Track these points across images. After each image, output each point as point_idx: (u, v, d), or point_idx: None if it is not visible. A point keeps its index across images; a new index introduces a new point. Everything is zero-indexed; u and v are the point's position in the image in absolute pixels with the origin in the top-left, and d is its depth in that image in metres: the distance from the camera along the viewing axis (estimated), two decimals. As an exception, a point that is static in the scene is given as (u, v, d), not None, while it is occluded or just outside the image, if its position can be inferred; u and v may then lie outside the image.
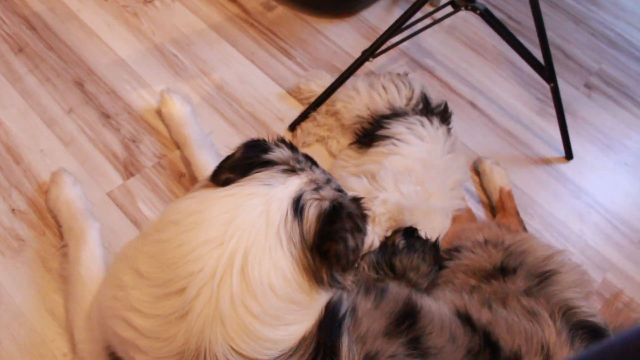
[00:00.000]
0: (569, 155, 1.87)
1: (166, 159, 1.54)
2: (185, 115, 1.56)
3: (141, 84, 1.69)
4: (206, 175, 0.98)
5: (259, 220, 0.84)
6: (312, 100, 1.71)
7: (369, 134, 1.56)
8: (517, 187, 1.75)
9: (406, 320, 1.01)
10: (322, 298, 0.90)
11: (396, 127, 1.53)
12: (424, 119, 1.55)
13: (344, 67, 1.83)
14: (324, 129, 1.69)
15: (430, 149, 1.52)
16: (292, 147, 1.00)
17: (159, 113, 1.62)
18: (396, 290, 1.08)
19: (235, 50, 1.85)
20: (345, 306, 0.95)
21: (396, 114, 1.58)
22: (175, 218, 0.88)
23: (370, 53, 1.63)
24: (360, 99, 1.63)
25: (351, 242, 0.87)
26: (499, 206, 1.64)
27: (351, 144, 1.61)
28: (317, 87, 1.74)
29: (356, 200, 0.96)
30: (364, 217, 0.94)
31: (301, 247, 0.85)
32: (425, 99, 1.62)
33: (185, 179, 1.52)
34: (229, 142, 1.57)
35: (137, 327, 0.86)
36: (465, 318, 1.08)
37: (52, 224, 1.38)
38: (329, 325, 0.90)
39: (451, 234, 1.46)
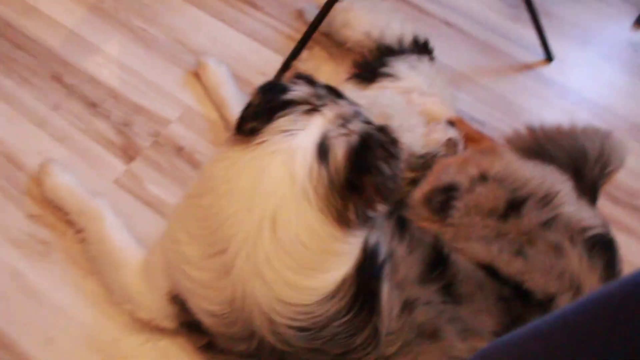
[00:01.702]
0: (549, 57, 1.89)
1: (161, 135, 1.56)
2: (221, 77, 1.60)
3: (118, 66, 1.67)
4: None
5: (282, 181, 0.87)
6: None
7: (371, 69, 1.58)
8: (504, 97, 1.79)
9: (438, 267, 1.06)
10: (356, 240, 0.94)
11: (399, 65, 1.56)
12: (420, 57, 1.59)
13: (307, 5, 1.82)
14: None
15: (428, 83, 1.58)
16: (310, 81, 0.98)
17: (195, 76, 1.65)
18: (421, 234, 1.12)
19: (203, 12, 1.82)
20: (383, 252, 0.99)
21: (398, 51, 1.62)
22: (211, 185, 0.94)
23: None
24: (363, 16, 1.66)
25: (387, 170, 0.88)
26: (464, 139, 1.62)
27: (349, 78, 1.61)
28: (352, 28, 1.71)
29: (383, 128, 0.96)
30: (395, 143, 0.93)
31: (329, 194, 0.87)
32: (414, 38, 1.65)
33: (184, 151, 1.54)
34: (218, 109, 1.59)
35: (194, 278, 0.98)
36: (490, 270, 1.11)
37: (70, 221, 1.40)
38: (369, 271, 0.96)
39: (436, 170, 1.44)
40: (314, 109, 0.91)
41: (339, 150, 0.88)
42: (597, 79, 1.86)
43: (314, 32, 1.64)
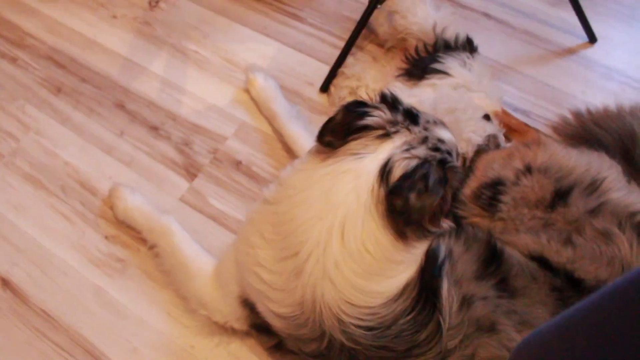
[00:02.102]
0: (592, 39, 1.88)
1: (219, 152, 1.66)
2: (270, 91, 1.70)
3: (174, 88, 1.78)
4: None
5: (350, 196, 0.96)
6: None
7: (422, 66, 1.62)
8: (547, 84, 1.79)
9: (493, 263, 1.11)
10: (418, 249, 1.01)
11: (450, 62, 1.60)
12: (469, 55, 1.62)
13: (353, 15, 1.89)
14: (353, 80, 1.75)
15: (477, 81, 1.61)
16: (393, 106, 1.05)
17: (245, 92, 1.75)
18: (474, 231, 1.18)
19: (248, 29, 1.91)
20: (443, 251, 1.07)
21: (453, 48, 1.65)
22: (289, 193, 1.03)
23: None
24: (418, 12, 1.70)
25: (414, 201, 0.93)
26: (508, 131, 1.64)
27: (399, 75, 1.66)
28: (416, 17, 1.74)
29: (445, 162, 1.00)
30: (440, 181, 0.97)
31: (388, 213, 0.96)
32: (458, 36, 1.68)
33: (242, 165, 1.63)
34: (271, 121, 1.68)
35: (265, 281, 1.06)
36: (541, 261, 1.14)
37: (143, 239, 1.52)
38: (430, 271, 1.03)
39: (481, 166, 1.45)
40: (386, 134, 0.99)
41: (398, 172, 0.96)
42: (644, 56, 1.83)
43: (356, 38, 1.70)
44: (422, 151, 0.99)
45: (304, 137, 1.59)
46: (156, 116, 1.73)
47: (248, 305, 1.20)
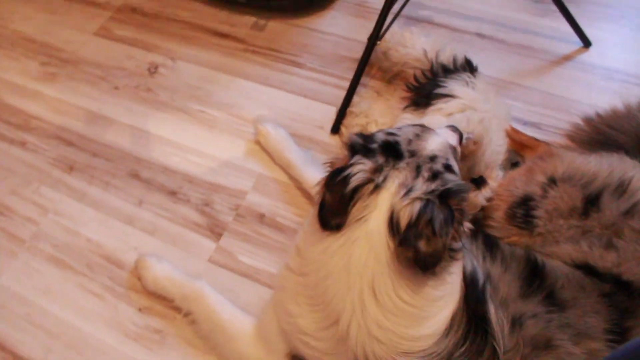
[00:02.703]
0: (586, 43, 1.91)
1: (241, 207, 1.65)
2: (282, 140, 1.70)
3: (186, 151, 1.78)
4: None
5: (369, 260, 0.95)
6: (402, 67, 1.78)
7: (425, 93, 1.62)
8: (552, 94, 1.81)
9: (536, 279, 1.10)
10: (454, 274, 1.00)
11: (453, 85, 1.60)
12: (470, 75, 1.63)
13: (351, 54, 1.92)
14: (362, 117, 1.76)
15: (483, 98, 1.60)
16: (368, 150, 1.00)
17: (257, 144, 1.76)
18: (511, 250, 1.17)
19: (250, 82, 1.93)
20: (481, 275, 1.05)
21: (452, 70, 1.66)
22: (311, 268, 1.02)
23: (375, 36, 1.69)
24: (415, 45, 1.72)
25: (425, 249, 0.91)
26: (519, 148, 1.67)
27: (405, 107, 1.65)
28: (407, 48, 1.76)
29: (447, 193, 0.95)
30: (446, 220, 0.93)
31: (410, 260, 0.94)
32: (455, 58, 1.69)
33: (266, 217, 1.62)
34: (289, 170, 1.68)
35: (314, 347, 1.05)
36: (587, 268, 1.14)
37: (176, 307, 1.49)
38: (474, 297, 1.02)
39: (502, 187, 1.45)
40: (377, 187, 0.96)
41: (404, 222, 0.93)
42: (638, 51, 1.86)
43: (360, 77, 1.72)
44: (419, 187, 0.95)
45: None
46: (172, 181, 1.73)
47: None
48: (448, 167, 1.01)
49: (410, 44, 1.74)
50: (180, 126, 1.84)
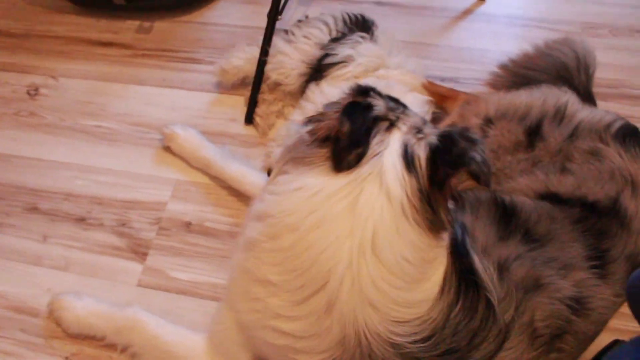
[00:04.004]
0: (481, -5, 1.92)
1: (163, 220, 1.47)
2: (194, 140, 1.54)
3: (88, 171, 1.58)
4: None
5: (379, 201, 0.81)
6: (248, 79, 1.66)
7: (318, 67, 1.55)
8: (461, 48, 1.80)
9: (510, 220, 1.03)
10: (445, 240, 0.89)
11: (343, 49, 1.53)
12: (363, 33, 1.55)
13: (249, 40, 1.78)
14: (276, 103, 1.65)
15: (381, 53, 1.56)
16: (380, 94, 0.93)
17: (167, 150, 1.59)
18: (475, 195, 1.09)
19: (146, 87, 1.76)
20: (458, 229, 0.95)
21: (335, 39, 1.57)
22: (291, 221, 0.85)
23: (275, 12, 1.58)
24: (290, 58, 1.59)
25: (478, 157, 0.83)
26: (439, 100, 1.62)
27: (307, 81, 1.58)
28: (241, 60, 1.67)
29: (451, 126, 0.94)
30: (468, 129, 0.88)
31: (423, 204, 0.83)
32: (349, 19, 1.61)
33: (193, 225, 1.46)
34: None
35: (288, 332, 0.89)
36: (552, 197, 1.10)
37: (110, 344, 1.30)
38: (458, 252, 0.91)
39: None
40: (392, 124, 0.86)
41: (422, 155, 0.84)
42: (533, -5, 1.89)
43: (266, 59, 1.60)
44: (430, 129, 0.88)
45: (249, 174, 1.46)
46: (78, 206, 1.52)
47: None
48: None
49: (289, 64, 1.61)
50: (76, 146, 1.64)
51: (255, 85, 1.62)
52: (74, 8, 2.00)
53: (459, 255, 0.91)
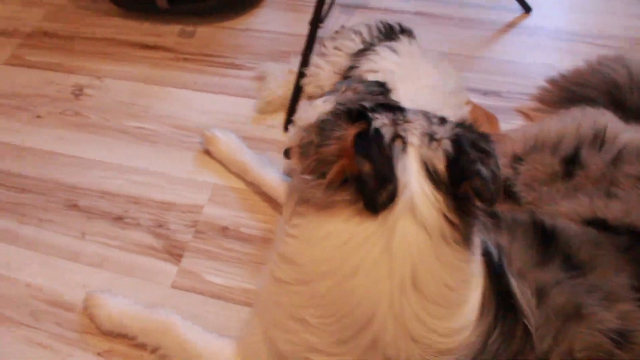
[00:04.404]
0: (527, 8, 1.89)
1: (200, 223, 1.48)
2: (233, 144, 1.55)
3: (128, 172, 1.60)
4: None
5: (415, 232, 0.77)
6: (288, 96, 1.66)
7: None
8: (505, 61, 1.77)
9: (549, 244, 0.99)
10: (478, 246, 0.86)
11: (365, 63, 1.47)
12: (391, 42, 1.52)
13: (291, 49, 1.80)
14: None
15: (410, 62, 1.47)
16: (389, 107, 0.86)
17: (206, 153, 1.60)
18: (512, 216, 1.05)
19: (188, 90, 1.78)
20: (494, 250, 0.92)
21: (362, 50, 1.53)
22: (324, 270, 0.81)
23: (316, 19, 1.59)
24: (323, 70, 1.59)
25: (484, 172, 0.77)
26: (482, 122, 1.58)
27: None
28: (278, 85, 1.67)
29: (463, 122, 0.85)
30: (486, 138, 0.82)
31: (457, 216, 0.78)
32: (384, 28, 1.59)
33: (229, 230, 1.46)
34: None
35: None
36: (599, 223, 1.05)
37: (141, 344, 1.30)
38: (496, 274, 0.88)
39: None
40: (404, 142, 0.80)
41: (442, 167, 0.79)
42: (578, 9, 1.86)
43: (306, 66, 1.60)
44: (440, 131, 0.82)
45: (285, 182, 1.46)
46: (116, 205, 1.54)
47: None
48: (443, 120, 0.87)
49: (322, 83, 1.57)
50: (118, 146, 1.66)
51: (294, 95, 1.62)
52: (118, 11, 2.04)
53: (496, 276, 0.88)
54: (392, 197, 0.76)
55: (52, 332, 1.34)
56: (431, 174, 0.78)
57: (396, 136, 0.79)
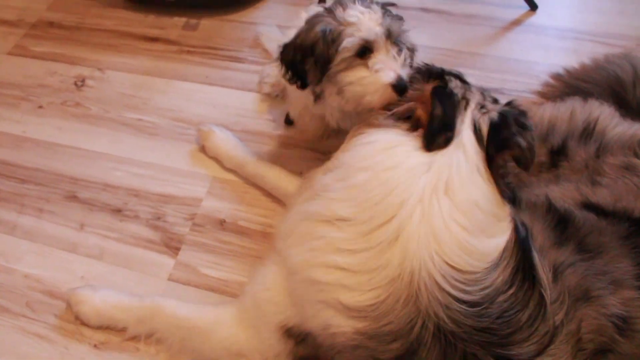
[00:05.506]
0: (533, 6, 1.87)
1: (198, 216, 1.48)
2: (229, 139, 1.55)
3: (128, 163, 1.60)
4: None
5: (457, 154, 0.93)
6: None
7: None
8: (509, 59, 1.75)
9: (566, 227, 1.02)
10: (508, 209, 0.96)
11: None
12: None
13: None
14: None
15: None
16: (458, 77, 1.05)
17: (202, 149, 1.59)
18: (528, 197, 1.09)
19: (188, 83, 1.78)
20: (520, 224, 0.97)
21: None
22: (365, 164, 0.95)
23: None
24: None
25: (523, 143, 0.94)
26: None
27: None
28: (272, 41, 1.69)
29: (512, 102, 1.03)
30: (526, 115, 0.99)
31: (491, 171, 0.94)
32: None
33: (227, 223, 1.46)
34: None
35: (343, 267, 0.92)
36: (595, 209, 1.06)
37: (138, 336, 1.30)
38: (522, 243, 0.94)
39: None
40: (467, 104, 0.98)
41: (485, 129, 0.96)
42: (585, 9, 1.84)
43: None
44: (491, 107, 0.99)
45: (285, 177, 1.45)
46: (116, 197, 1.54)
47: (292, 336, 1.07)
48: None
49: None
50: (118, 138, 1.66)
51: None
52: (124, 3, 2.04)
53: (524, 248, 0.93)
54: (447, 142, 0.93)
55: (49, 323, 1.35)
56: (477, 131, 0.96)
57: (463, 98, 0.99)
